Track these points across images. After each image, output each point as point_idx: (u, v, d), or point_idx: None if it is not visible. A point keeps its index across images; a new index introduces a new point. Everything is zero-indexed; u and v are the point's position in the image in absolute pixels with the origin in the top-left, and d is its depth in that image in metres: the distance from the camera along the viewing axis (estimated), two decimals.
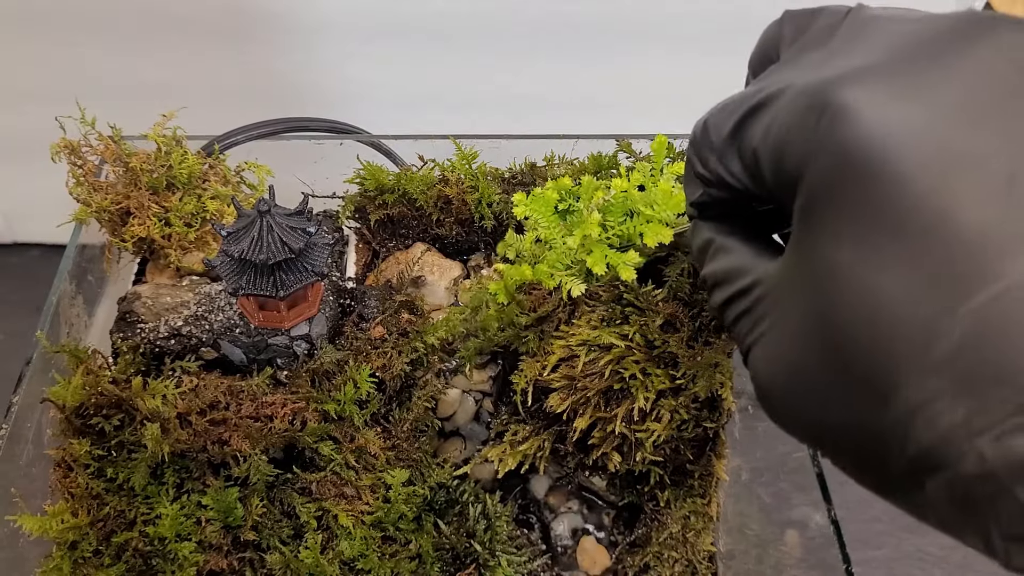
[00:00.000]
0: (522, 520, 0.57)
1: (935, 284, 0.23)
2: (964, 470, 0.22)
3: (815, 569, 0.54)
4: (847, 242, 0.25)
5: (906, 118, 0.24)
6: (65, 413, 0.47)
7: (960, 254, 0.23)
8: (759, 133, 0.29)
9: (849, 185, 0.25)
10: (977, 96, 0.24)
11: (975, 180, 0.23)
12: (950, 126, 0.24)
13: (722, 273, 0.33)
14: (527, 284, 0.52)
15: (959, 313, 0.22)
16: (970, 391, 0.22)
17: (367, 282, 0.64)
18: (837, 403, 0.26)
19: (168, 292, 0.54)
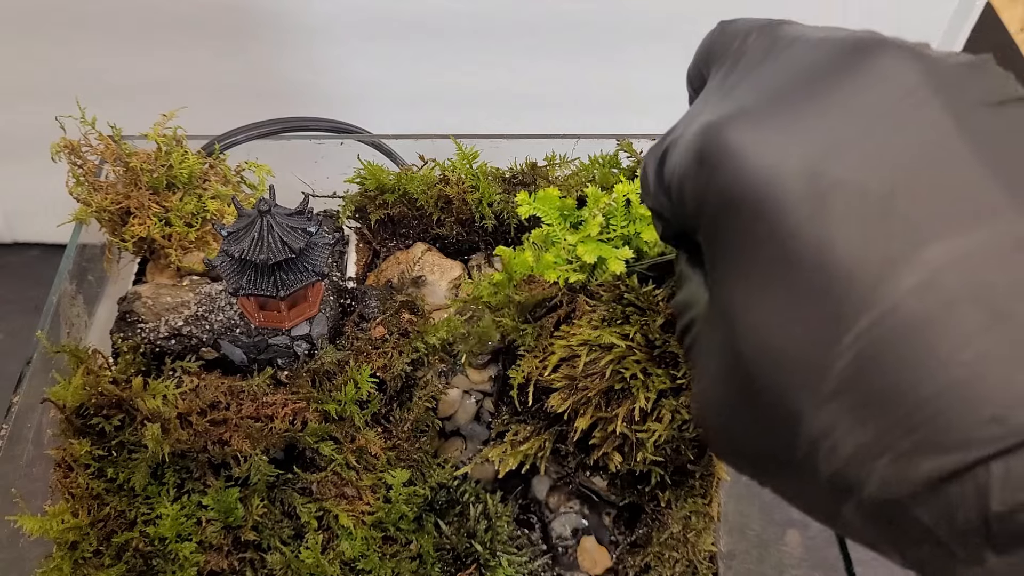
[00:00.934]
0: (523, 520, 0.57)
1: (819, 316, 0.23)
2: (868, 495, 0.23)
3: (816, 569, 0.54)
4: (738, 280, 0.26)
5: (781, 155, 0.25)
6: (65, 413, 0.47)
7: (838, 283, 0.23)
8: (669, 174, 0.30)
9: (732, 225, 0.26)
10: (850, 126, 0.25)
11: (847, 209, 0.23)
12: (823, 158, 0.24)
13: (679, 304, 0.34)
14: (528, 277, 0.52)
15: (843, 343, 0.23)
16: (862, 418, 0.23)
17: (368, 282, 0.64)
18: (755, 436, 0.26)
19: (168, 292, 0.53)
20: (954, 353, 0.22)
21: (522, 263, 0.50)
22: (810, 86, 0.26)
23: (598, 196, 0.47)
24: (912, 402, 0.22)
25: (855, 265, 0.23)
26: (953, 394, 0.22)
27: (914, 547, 0.23)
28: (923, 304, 0.22)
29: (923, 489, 0.22)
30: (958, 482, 0.21)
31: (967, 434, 0.21)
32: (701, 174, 0.27)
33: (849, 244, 0.23)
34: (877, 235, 0.23)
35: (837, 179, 0.24)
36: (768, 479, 0.28)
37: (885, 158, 0.24)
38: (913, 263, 0.22)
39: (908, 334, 0.22)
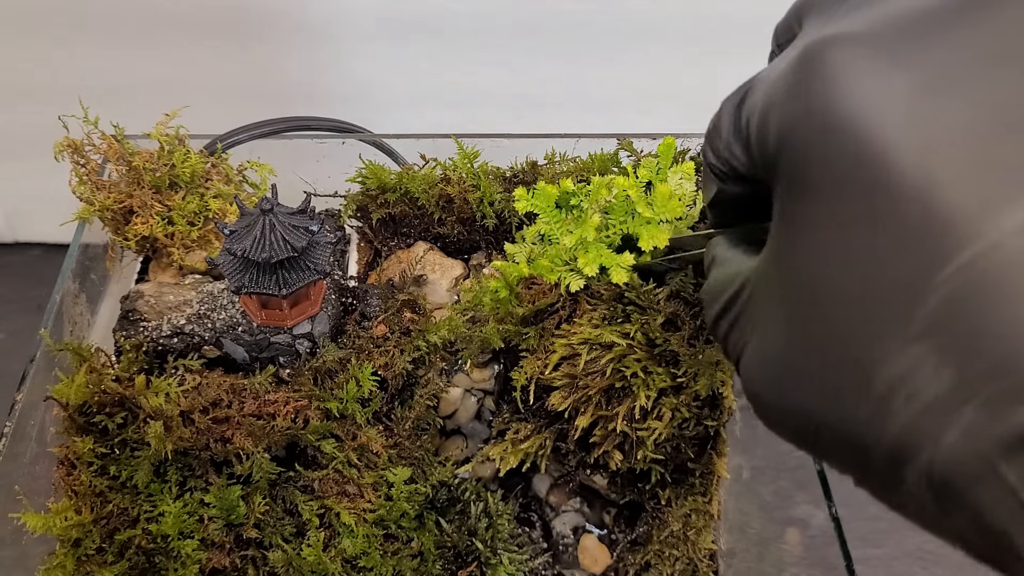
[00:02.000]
0: (523, 518, 0.58)
1: (912, 252, 0.22)
2: (946, 449, 0.21)
3: (816, 567, 0.54)
4: (824, 210, 0.24)
5: (890, 81, 0.24)
6: (68, 411, 0.47)
7: (938, 217, 0.22)
8: (753, 103, 0.28)
9: (828, 147, 0.24)
10: (965, 63, 0.23)
11: (953, 144, 0.22)
12: (933, 92, 0.23)
13: (716, 285, 0.32)
14: (527, 279, 0.52)
15: (937, 279, 0.22)
16: (950, 361, 0.21)
17: (369, 281, 0.64)
18: (819, 395, 0.25)
19: (171, 291, 0.54)
20: None
21: (518, 272, 0.50)
22: (928, 19, 0.25)
23: (600, 185, 0.47)
24: (1009, 344, 0.20)
25: (958, 200, 0.22)
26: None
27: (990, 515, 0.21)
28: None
29: (1012, 442, 0.20)
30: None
31: None
32: (795, 96, 0.25)
33: (953, 179, 0.22)
34: (983, 174, 0.22)
35: (947, 112, 0.23)
36: (823, 446, 0.26)
37: (1000, 96, 0.23)
38: (1020, 204, 0.21)
39: (1010, 272, 0.21)
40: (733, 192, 0.33)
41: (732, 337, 0.30)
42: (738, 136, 0.30)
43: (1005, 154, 0.22)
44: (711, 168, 0.33)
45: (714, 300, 0.32)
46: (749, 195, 0.32)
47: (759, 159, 0.28)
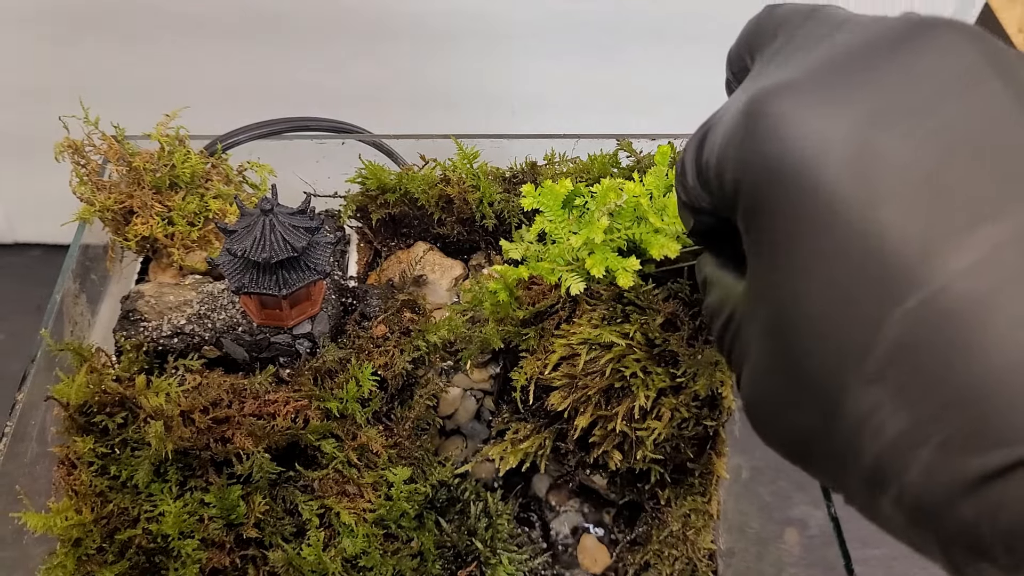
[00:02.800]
0: (523, 518, 0.58)
1: (864, 295, 0.22)
2: (909, 485, 0.22)
3: (815, 567, 0.54)
4: (780, 254, 0.25)
5: (829, 127, 0.24)
6: (69, 411, 0.47)
7: (885, 260, 0.22)
8: (709, 152, 0.29)
9: (775, 197, 0.25)
10: (902, 100, 0.24)
11: (896, 182, 0.22)
12: (872, 132, 0.23)
13: (714, 304, 0.33)
14: (527, 280, 0.52)
15: (888, 322, 0.22)
16: (906, 401, 0.22)
17: (369, 281, 0.64)
18: (802, 420, 0.26)
19: (171, 291, 0.54)
20: (1009, 333, 0.20)
21: (517, 274, 0.50)
22: (864, 59, 0.25)
23: (608, 189, 0.47)
24: (959, 386, 0.21)
25: (904, 241, 0.22)
26: (1005, 378, 0.20)
27: (952, 547, 0.22)
28: (976, 284, 0.21)
29: (966, 484, 0.21)
30: (1005, 480, 0.20)
31: (1020, 425, 0.20)
32: (745, 143, 0.26)
33: (898, 219, 0.22)
34: (928, 211, 0.22)
35: (887, 151, 0.23)
36: (811, 465, 0.27)
37: (940, 132, 0.23)
38: (967, 242, 0.21)
39: (958, 315, 0.21)
40: (708, 223, 0.33)
41: (734, 354, 0.31)
42: (700, 177, 0.30)
43: (946, 188, 0.22)
44: (683, 205, 0.33)
45: (714, 318, 0.33)
46: (724, 225, 0.33)
47: (719, 200, 0.29)
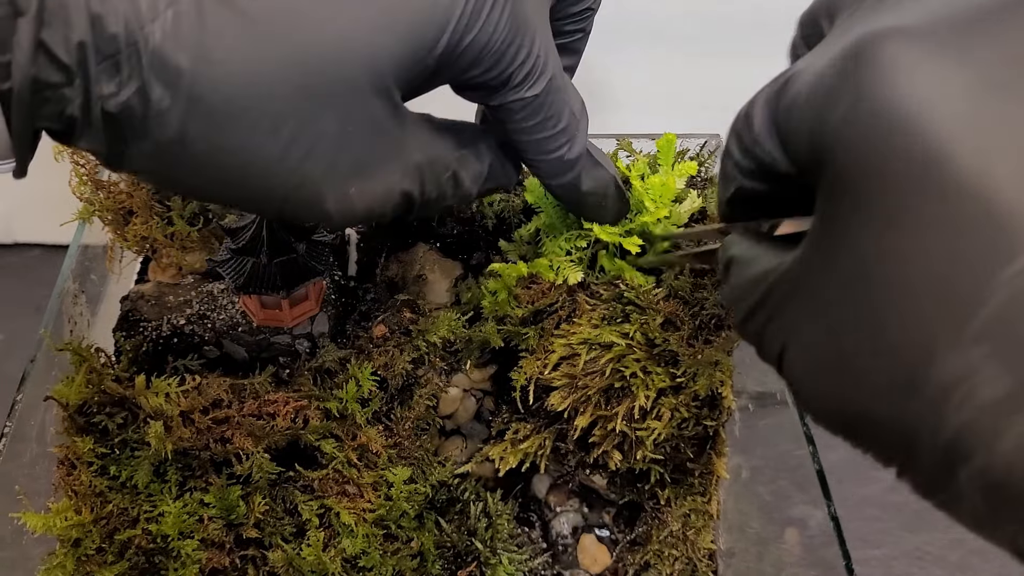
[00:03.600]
0: (523, 518, 0.58)
1: (972, 253, 0.22)
2: (1002, 451, 0.21)
3: (815, 567, 0.54)
4: (878, 209, 0.24)
5: (947, 77, 0.23)
6: (68, 411, 0.47)
7: (995, 220, 0.21)
8: (795, 96, 0.27)
9: (882, 148, 0.23)
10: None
11: (1014, 143, 0.22)
12: (993, 87, 0.23)
13: (743, 283, 0.32)
14: (527, 277, 0.52)
15: (997, 281, 0.21)
16: (1009, 364, 0.21)
17: (369, 281, 0.64)
18: (870, 390, 0.25)
19: (171, 291, 0.54)
20: None
21: (517, 271, 0.51)
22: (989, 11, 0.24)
23: None
24: None
25: (1019, 201, 0.21)
26: None
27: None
28: None
29: None
30: None
31: None
32: (847, 91, 0.24)
33: (1016, 179, 0.21)
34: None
35: (1007, 108, 0.22)
36: (873, 440, 0.26)
37: None
38: None
39: None
40: (752, 190, 0.32)
41: (768, 334, 0.30)
42: (773, 130, 0.29)
43: None
44: (735, 164, 0.32)
45: (742, 299, 0.31)
46: (768, 193, 0.32)
47: (800, 154, 0.28)
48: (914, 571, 0.72)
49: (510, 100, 0.39)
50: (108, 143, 0.31)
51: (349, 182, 0.35)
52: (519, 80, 0.38)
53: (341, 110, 0.33)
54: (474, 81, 0.38)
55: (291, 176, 0.34)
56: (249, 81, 0.31)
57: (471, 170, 0.42)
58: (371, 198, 0.37)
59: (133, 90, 0.29)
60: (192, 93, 0.30)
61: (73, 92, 0.29)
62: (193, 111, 0.30)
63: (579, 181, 0.44)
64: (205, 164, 0.32)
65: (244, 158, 0.32)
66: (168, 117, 0.30)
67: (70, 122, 0.30)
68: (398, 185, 0.38)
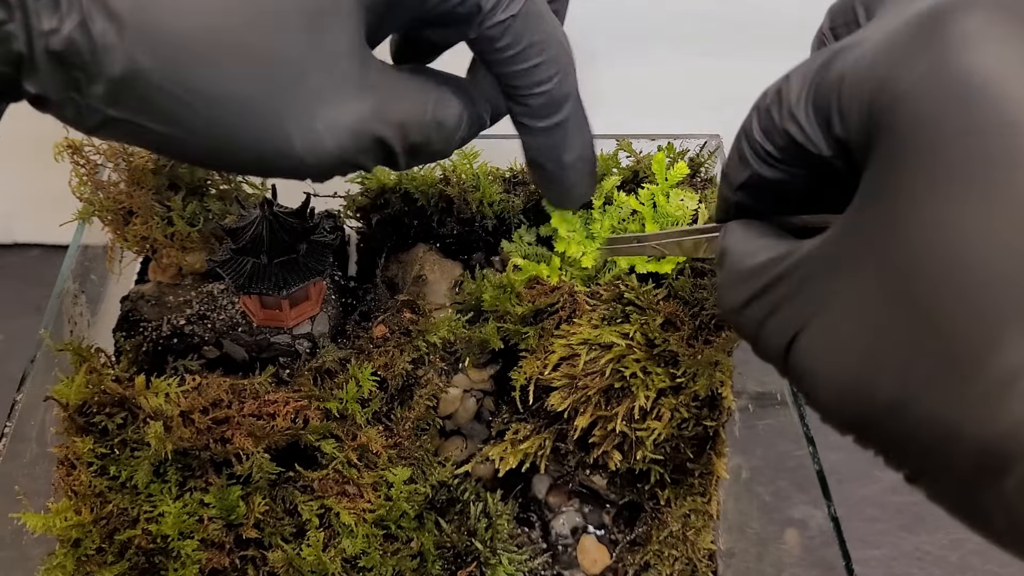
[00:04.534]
0: (523, 519, 0.58)
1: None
2: None
3: (815, 567, 0.54)
4: (947, 183, 0.22)
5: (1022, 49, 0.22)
6: (68, 411, 0.47)
7: None
8: (850, 68, 0.26)
9: (957, 119, 0.22)
10: None
11: None
12: None
13: (745, 273, 0.30)
14: (531, 278, 0.52)
15: None
16: None
17: (369, 282, 0.64)
18: (906, 382, 0.23)
19: (171, 291, 0.54)
20: None
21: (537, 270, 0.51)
22: None
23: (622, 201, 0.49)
24: None
25: None
26: None
27: None
28: None
29: None
30: None
31: None
32: (919, 60, 0.23)
33: None
34: None
35: None
36: (892, 437, 0.24)
37: None
38: None
39: None
40: (767, 177, 0.31)
41: (772, 322, 0.28)
42: (814, 104, 0.28)
43: None
44: (753, 147, 0.31)
45: (743, 283, 0.30)
46: (782, 182, 0.31)
47: (850, 127, 0.26)
48: (914, 571, 0.72)
49: (487, 27, 0.37)
50: (61, 87, 0.30)
51: (313, 112, 0.34)
52: (492, 2, 0.36)
53: (299, 35, 0.32)
54: (444, 8, 0.36)
55: (252, 111, 0.32)
56: (198, 7, 0.30)
57: (451, 111, 0.40)
58: (341, 135, 0.35)
59: (74, 24, 0.29)
60: (136, 24, 0.29)
61: (16, 27, 0.28)
62: (140, 44, 0.29)
63: (567, 126, 0.42)
64: (162, 106, 0.31)
65: (201, 93, 0.31)
66: (115, 53, 0.29)
67: (18, 61, 0.29)
68: (370, 126, 0.36)
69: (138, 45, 0.29)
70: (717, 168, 0.59)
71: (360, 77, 0.35)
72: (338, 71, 0.34)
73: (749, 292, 0.29)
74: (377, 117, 0.36)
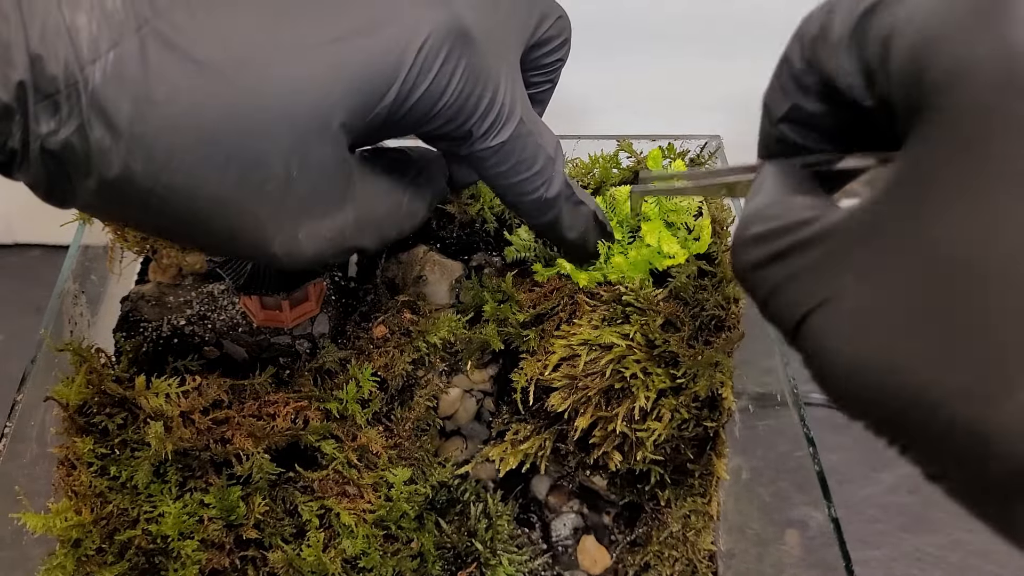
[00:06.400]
0: (523, 519, 0.58)
1: None
2: None
3: (815, 568, 0.54)
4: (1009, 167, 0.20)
5: None
6: (68, 411, 0.47)
7: None
8: (899, 22, 0.24)
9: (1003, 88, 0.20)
10: None
11: None
12: None
13: (772, 228, 0.27)
14: (528, 281, 0.52)
15: None
16: None
17: (369, 282, 0.64)
18: (946, 372, 0.21)
19: (171, 291, 0.54)
20: None
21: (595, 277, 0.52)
22: None
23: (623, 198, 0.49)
24: None
25: None
26: None
27: None
28: None
29: None
30: None
31: None
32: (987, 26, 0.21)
33: None
34: None
35: None
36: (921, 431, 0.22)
37: None
38: None
39: None
40: (808, 110, 0.28)
41: (789, 291, 0.26)
42: (858, 50, 0.25)
43: None
44: (794, 78, 0.28)
45: (764, 242, 0.27)
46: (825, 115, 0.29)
47: (895, 90, 0.24)
48: (914, 572, 0.72)
49: (477, 150, 0.39)
50: (52, 179, 0.32)
51: (296, 226, 0.35)
52: (483, 131, 0.38)
53: (287, 155, 0.33)
54: (436, 133, 0.38)
55: (237, 217, 0.34)
56: (193, 123, 0.31)
57: (424, 198, 0.42)
58: (319, 243, 0.37)
59: (72, 129, 0.30)
60: (134, 133, 0.30)
61: (14, 127, 0.30)
62: (136, 151, 0.31)
63: (560, 218, 0.44)
64: (150, 203, 0.32)
65: (189, 198, 0.33)
66: (110, 156, 0.31)
67: (11, 155, 0.31)
68: (349, 236, 0.38)
69: (134, 152, 0.31)
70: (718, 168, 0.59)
71: (343, 190, 0.37)
72: (322, 185, 0.35)
73: (768, 252, 0.27)
74: (357, 227, 0.38)
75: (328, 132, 0.34)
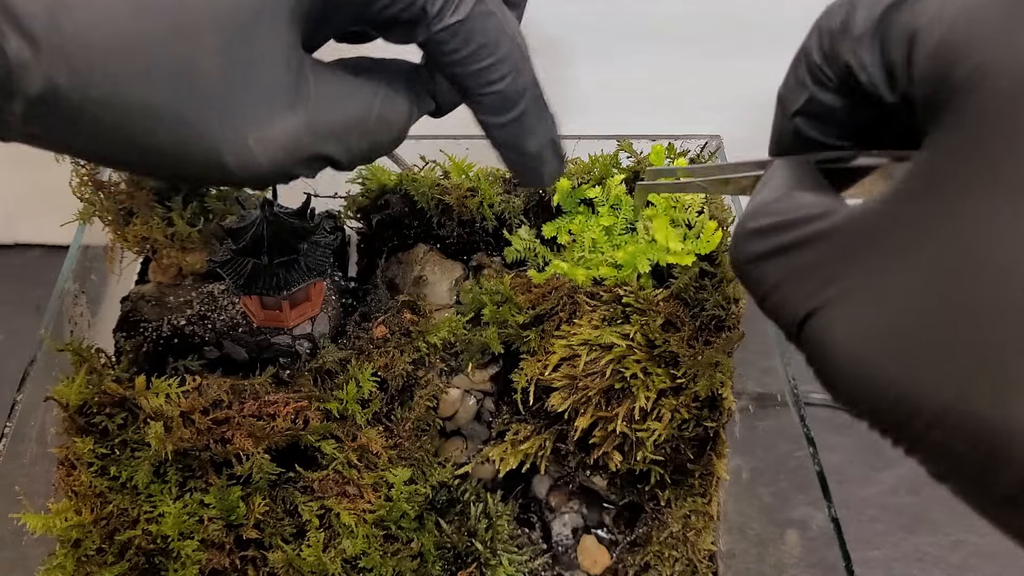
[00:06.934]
0: (523, 519, 0.58)
1: None
2: None
3: (815, 568, 0.54)
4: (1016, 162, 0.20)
5: None
6: (68, 412, 0.47)
7: None
8: (924, 17, 0.23)
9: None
10: None
11: None
12: None
13: (778, 222, 0.27)
14: (527, 282, 0.52)
15: None
16: None
17: (369, 282, 0.64)
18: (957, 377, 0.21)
19: (171, 291, 0.54)
20: None
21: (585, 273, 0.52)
22: None
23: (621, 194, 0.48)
24: None
25: None
26: None
27: None
28: None
29: None
30: None
31: None
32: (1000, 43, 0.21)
33: None
34: None
35: None
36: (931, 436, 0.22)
37: None
38: None
39: None
40: (825, 104, 0.28)
41: (791, 288, 0.25)
42: (881, 45, 0.25)
43: None
44: (811, 70, 0.28)
45: (768, 235, 0.27)
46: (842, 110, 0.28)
47: (918, 88, 0.24)
48: (914, 572, 0.72)
49: (435, 31, 0.35)
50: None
51: (243, 129, 0.32)
52: (438, 7, 0.34)
53: (216, 53, 0.31)
54: (387, 14, 0.34)
55: (176, 130, 0.31)
56: (110, 28, 0.29)
57: (399, 108, 0.38)
58: (273, 151, 0.33)
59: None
60: (51, 42, 0.28)
61: None
62: (56, 63, 0.28)
63: (524, 117, 0.40)
64: (84, 121, 0.30)
65: (122, 112, 0.30)
66: (31, 71, 0.28)
67: None
68: (305, 142, 0.35)
69: (55, 63, 0.29)
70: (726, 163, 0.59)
71: (293, 90, 0.34)
72: (268, 85, 0.33)
73: (772, 246, 0.26)
74: (312, 132, 0.35)
75: (263, 23, 0.31)
